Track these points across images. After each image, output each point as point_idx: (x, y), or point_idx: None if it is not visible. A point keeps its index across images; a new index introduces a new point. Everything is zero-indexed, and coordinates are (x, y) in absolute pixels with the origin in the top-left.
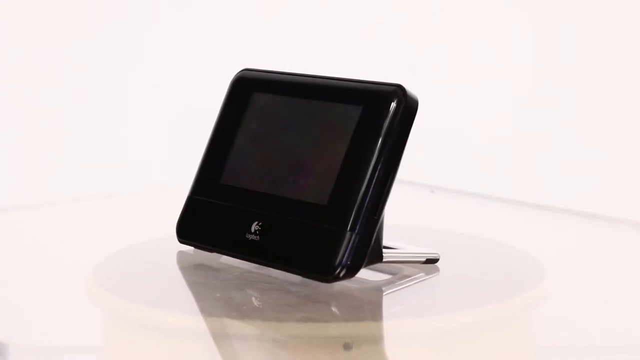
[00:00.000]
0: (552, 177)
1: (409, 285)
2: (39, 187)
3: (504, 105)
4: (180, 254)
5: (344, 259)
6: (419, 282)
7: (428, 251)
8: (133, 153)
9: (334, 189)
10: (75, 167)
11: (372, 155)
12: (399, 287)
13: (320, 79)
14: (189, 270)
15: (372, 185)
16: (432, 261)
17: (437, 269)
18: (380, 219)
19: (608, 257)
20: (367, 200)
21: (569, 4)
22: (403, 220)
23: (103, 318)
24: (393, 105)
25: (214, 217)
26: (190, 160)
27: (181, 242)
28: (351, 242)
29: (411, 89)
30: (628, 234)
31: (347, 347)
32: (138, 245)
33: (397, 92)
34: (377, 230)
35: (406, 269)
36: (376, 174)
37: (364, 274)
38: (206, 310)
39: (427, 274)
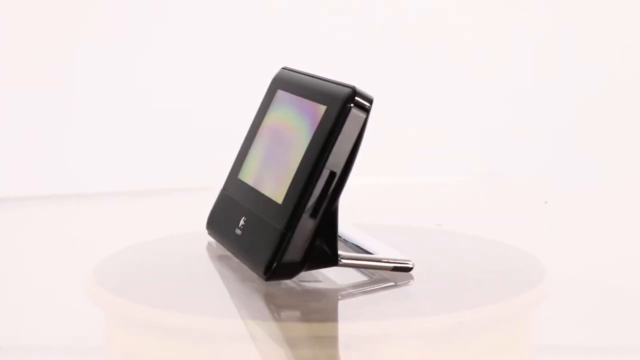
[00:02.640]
0: (553, 176)
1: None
2: (38, 186)
3: (502, 102)
4: (181, 253)
5: (278, 259)
6: (401, 286)
7: (401, 258)
8: (136, 152)
9: (287, 188)
10: (75, 165)
11: (315, 156)
12: (361, 291)
13: (314, 79)
14: (190, 269)
15: (311, 186)
16: (403, 269)
17: (412, 277)
18: (319, 220)
19: (608, 256)
20: (305, 201)
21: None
22: (404, 220)
23: (103, 318)
24: (340, 107)
25: (226, 210)
26: (192, 162)
27: (209, 233)
28: (285, 242)
29: (367, 89)
30: (628, 233)
31: (347, 346)
32: (138, 245)
33: (348, 94)
34: (314, 231)
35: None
36: (317, 176)
37: (347, 275)
38: (207, 310)
39: (413, 279)
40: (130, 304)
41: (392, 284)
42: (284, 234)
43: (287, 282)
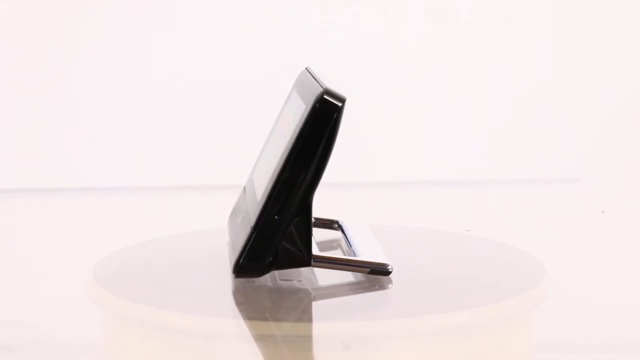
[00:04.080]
0: (553, 177)
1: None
2: (38, 184)
3: (505, 101)
4: (181, 252)
5: (244, 256)
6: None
7: (378, 261)
8: (138, 151)
9: (265, 187)
10: (76, 162)
11: (286, 155)
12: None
13: (313, 79)
14: (190, 269)
15: (276, 186)
16: (380, 273)
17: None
18: (288, 220)
19: (608, 255)
20: (273, 200)
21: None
22: (406, 221)
23: (103, 317)
24: (311, 107)
25: (236, 208)
26: (195, 162)
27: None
28: (252, 240)
29: (342, 92)
30: (629, 231)
31: (347, 346)
32: (138, 245)
33: (319, 94)
34: (282, 230)
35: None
36: (285, 175)
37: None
38: (206, 310)
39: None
40: (129, 303)
41: (383, 285)
42: (252, 232)
43: (278, 281)
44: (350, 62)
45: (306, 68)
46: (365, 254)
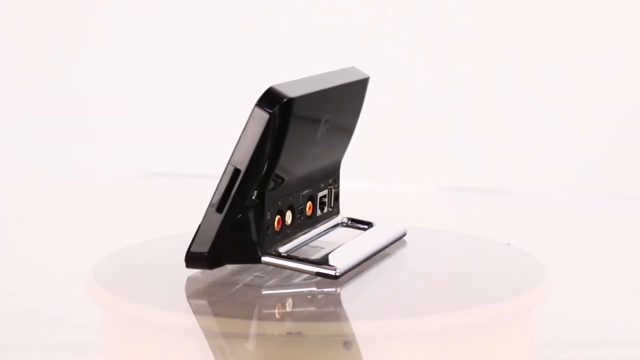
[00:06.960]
0: (553, 178)
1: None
2: (38, 183)
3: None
4: (181, 252)
5: (190, 249)
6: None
7: (326, 264)
8: (138, 151)
9: None
10: (75, 161)
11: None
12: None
13: (310, 77)
14: (190, 268)
15: (220, 181)
16: (327, 276)
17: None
18: (228, 215)
19: (608, 254)
20: (214, 195)
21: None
22: (409, 221)
23: (103, 317)
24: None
25: None
26: (195, 162)
27: None
28: (196, 234)
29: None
30: (629, 231)
31: (347, 345)
32: (138, 245)
33: (263, 93)
34: (223, 225)
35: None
36: (224, 172)
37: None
38: (206, 309)
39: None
40: (129, 303)
41: (381, 285)
42: (198, 226)
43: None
44: (350, 62)
45: (352, 67)
46: (333, 257)
